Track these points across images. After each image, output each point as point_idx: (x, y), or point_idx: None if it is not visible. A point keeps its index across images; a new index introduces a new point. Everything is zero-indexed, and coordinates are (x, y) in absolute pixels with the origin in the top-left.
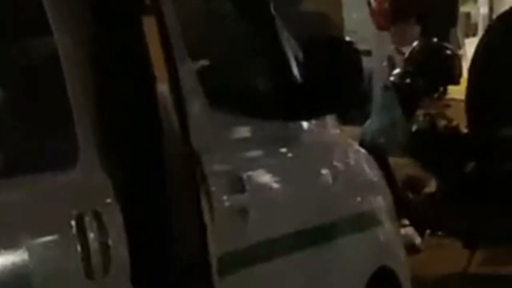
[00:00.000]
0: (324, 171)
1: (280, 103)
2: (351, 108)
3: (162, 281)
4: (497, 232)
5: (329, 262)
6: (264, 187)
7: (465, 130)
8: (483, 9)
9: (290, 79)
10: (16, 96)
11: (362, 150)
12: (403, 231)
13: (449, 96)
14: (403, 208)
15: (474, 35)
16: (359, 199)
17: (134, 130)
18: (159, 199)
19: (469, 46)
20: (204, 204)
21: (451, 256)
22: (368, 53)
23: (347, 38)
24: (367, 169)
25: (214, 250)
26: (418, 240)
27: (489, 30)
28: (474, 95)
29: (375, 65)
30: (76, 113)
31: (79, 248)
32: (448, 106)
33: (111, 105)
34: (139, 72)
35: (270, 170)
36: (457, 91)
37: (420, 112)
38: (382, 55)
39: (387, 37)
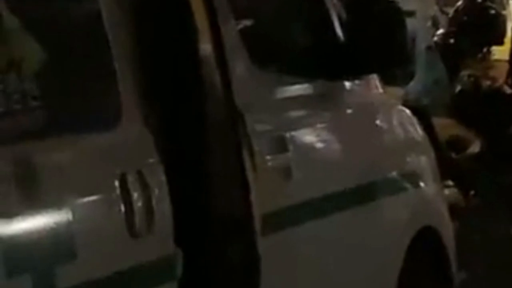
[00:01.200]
0: (368, 131)
1: (323, 63)
2: (395, 68)
3: (205, 240)
4: None
5: (372, 222)
6: (307, 147)
7: (509, 90)
8: None
9: (334, 39)
10: (59, 56)
11: (406, 110)
12: (446, 191)
13: (493, 56)
14: (447, 168)
15: None
16: (402, 159)
17: (177, 88)
18: (202, 157)
19: None
20: (247, 163)
21: (495, 217)
22: (412, 13)
23: None
24: (410, 129)
25: (257, 209)
26: (462, 200)
27: None
28: None
29: (419, 25)
30: (119, 71)
31: (123, 207)
32: (492, 66)
33: (154, 64)
34: (182, 30)
35: (313, 130)
36: (502, 52)
37: (464, 73)
38: (426, 16)
39: None
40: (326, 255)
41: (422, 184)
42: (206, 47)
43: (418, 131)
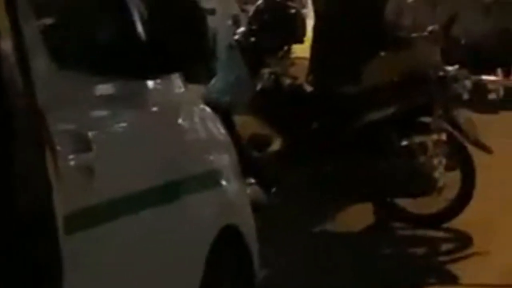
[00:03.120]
0: (170, 130)
1: (125, 62)
2: (196, 67)
3: (6, 240)
4: (340, 189)
5: (175, 220)
6: (111, 146)
7: (309, 88)
8: None
9: (135, 38)
10: None
11: (208, 109)
12: (249, 189)
13: (293, 54)
14: (249, 166)
15: None
16: (204, 157)
17: None
18: (3, 157)
19: None
20: (49, 162)
21: (296, 213)
22: (213, 11)
23: None
24: (212, 127)
25: (60, 209)
26: (264, 197)
27: None
28: (317, 54)
29: (220, 23)
30: None
31: None
32: (292, 64)
33: None
34: None
35: (117, 129)
36: (302, 50)
37: (265, 71)
38: (227, 14)
39: None
40: (130, 254)
41: (224, 182)
42: (6, 46)
43: (220, 130)
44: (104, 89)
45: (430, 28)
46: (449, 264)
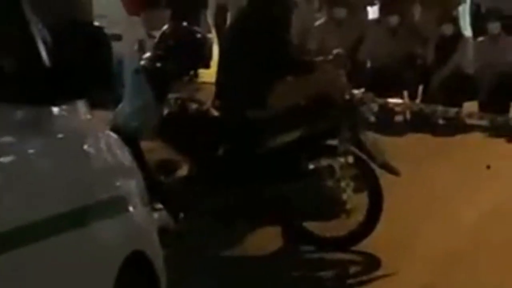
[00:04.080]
0: (75, 156)
1: (27, 88)
2: (101, 93)
3: None
4: (248, 213)
5: (81, 247)
6: (15, 173)
7: (215, 113)
8: None
9: (38, 64)
10: None
11: (113, 135)
12: (156, 215)
13: (200, 79)
14: (156, 191)
15: None
16: (110, 183)
17: None
18: None
19: None
20: None
21: (204, 239)
22: (119, 37)
23: (96, 23)
24: (118, 153)
25: None
26: (172, 223)
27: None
28: (224, 78)
29: (126, 49)
30: None
31: None
32: (199, 89)
33: None
34: None
35: (21, 156)
36: (208, 75)
37: (171, 96)
38: (133, 40)
39: (138, 21)
40: (36, 281)
41: (130, 208)
42: None
43: (125, 155)
44: (8, 115)
45: (335, 51)
46: (357, 286)
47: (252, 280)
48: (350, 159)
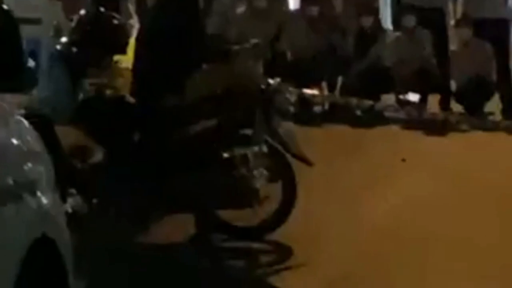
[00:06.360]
0: None
1: None
2: (13, 77)
3: None
4: (161, 201)
5: None
6: None
7: (132, 99)
8: None
9: None
10: None
11: (22, 119)
12: (70, 200)
13: (116, 65)
14: (70, 177)
15: None
16: (16, 169)
17: None
18: None
19: None
20: None
21: (117, 224)
22: (37, 21)
23: (4, 7)
24: (26, 138)
25: None
26: (85, 209)
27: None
28: (140, 65)
29: (43, 33)
30: None
31: None
32: (117, 75)
33: None
34: None
35: None
36: (125, 61)
37: (87, 81)
38: (52, 23)
39: (59, 5)
40: None
41: (38, 193)
42: None
43: (34, 140)
44: None
45: (252, 41)
46: (269, 276)
47: (161, 268)
48: (264, 149)
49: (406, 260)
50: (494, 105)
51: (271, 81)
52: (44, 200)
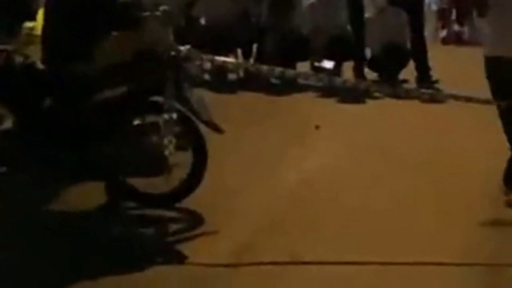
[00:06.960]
0: None
1: None
2: None
3: None
4: (71, 169)
5: None
6: None
7: (41, 66)
8: None
9: None
10: None
11: None
12: None
13: (29, 32)
14: None
15: None
16: None
17: None
18: None
19: None
20: None
21: (26, 193)
22: None
23: None
24: None
25: None
26: None
27: None
28: (48, 31)
29: None
30: None
31: None
32: (26, 42)
33: None
34: None
35: None
36: (36, 28)
37: None
38: None
39: None
40: None
41: None
42: None
43: None
44: None
45: (162, 8)
46: (178, 244)
47: (71, 236)
48: (174, 116)
49: (315, 226)
50: (409, 73)
51: (182, 48)
52: None
